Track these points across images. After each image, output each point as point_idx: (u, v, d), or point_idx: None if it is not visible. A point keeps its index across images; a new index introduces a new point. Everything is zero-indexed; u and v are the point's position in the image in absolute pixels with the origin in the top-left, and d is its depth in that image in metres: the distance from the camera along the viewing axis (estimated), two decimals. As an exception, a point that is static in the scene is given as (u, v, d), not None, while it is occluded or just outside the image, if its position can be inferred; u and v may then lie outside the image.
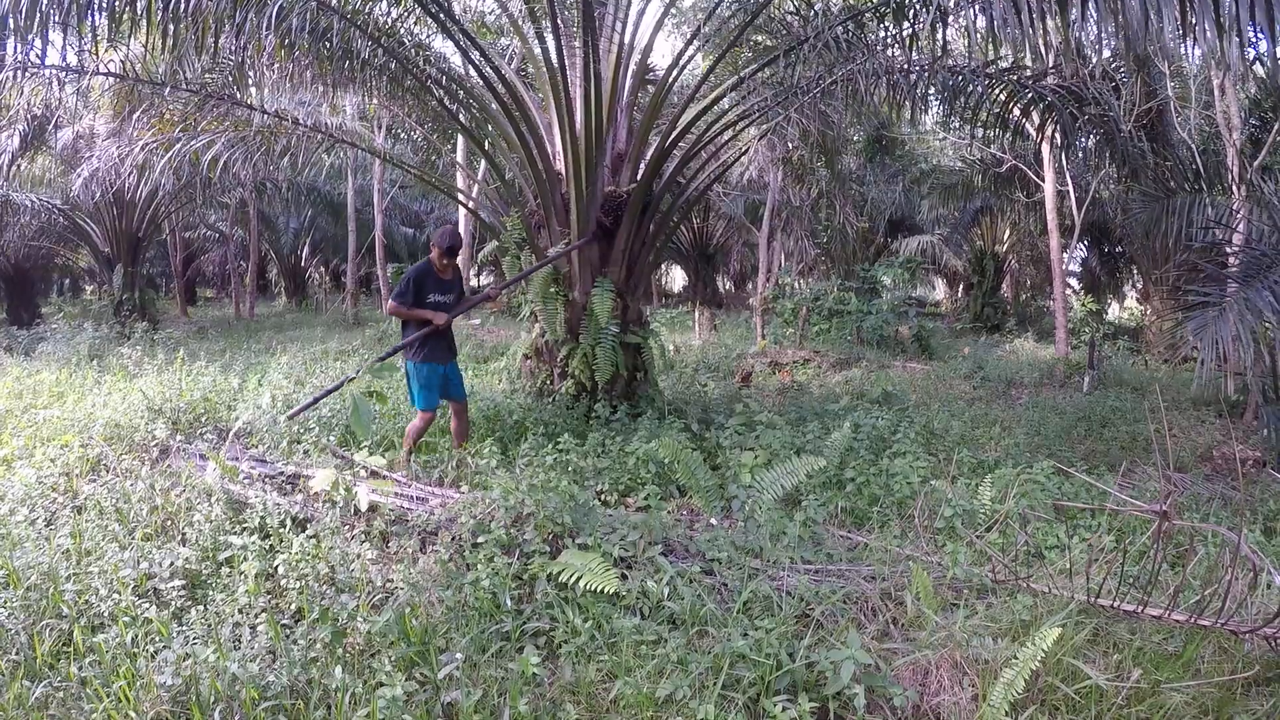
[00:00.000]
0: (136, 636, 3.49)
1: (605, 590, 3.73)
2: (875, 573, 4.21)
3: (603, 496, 5.95)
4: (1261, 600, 3.75)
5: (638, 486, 6.04)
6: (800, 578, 3.97)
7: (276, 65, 8.58)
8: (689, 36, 8.29)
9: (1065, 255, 17.33)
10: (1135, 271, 24.32)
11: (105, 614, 3.69)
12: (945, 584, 4.00)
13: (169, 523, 4.84)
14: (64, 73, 8.76)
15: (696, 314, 22.02)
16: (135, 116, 10.79)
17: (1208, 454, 8.66)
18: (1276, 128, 12.50)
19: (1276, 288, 7.06)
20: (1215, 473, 8.06)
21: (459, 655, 3.29)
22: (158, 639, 3.50)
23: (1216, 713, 3.17)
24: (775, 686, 3.23)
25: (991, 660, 3.29)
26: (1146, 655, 3.42)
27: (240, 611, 3.77)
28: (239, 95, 9.32)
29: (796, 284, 22.15)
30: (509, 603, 3.77)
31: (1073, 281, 27.16)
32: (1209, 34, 4.40)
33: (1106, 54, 14.14)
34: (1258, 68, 13.67)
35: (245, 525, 4.66)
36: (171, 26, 6.38)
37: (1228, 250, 9.76)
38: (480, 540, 4.21)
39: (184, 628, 3.57)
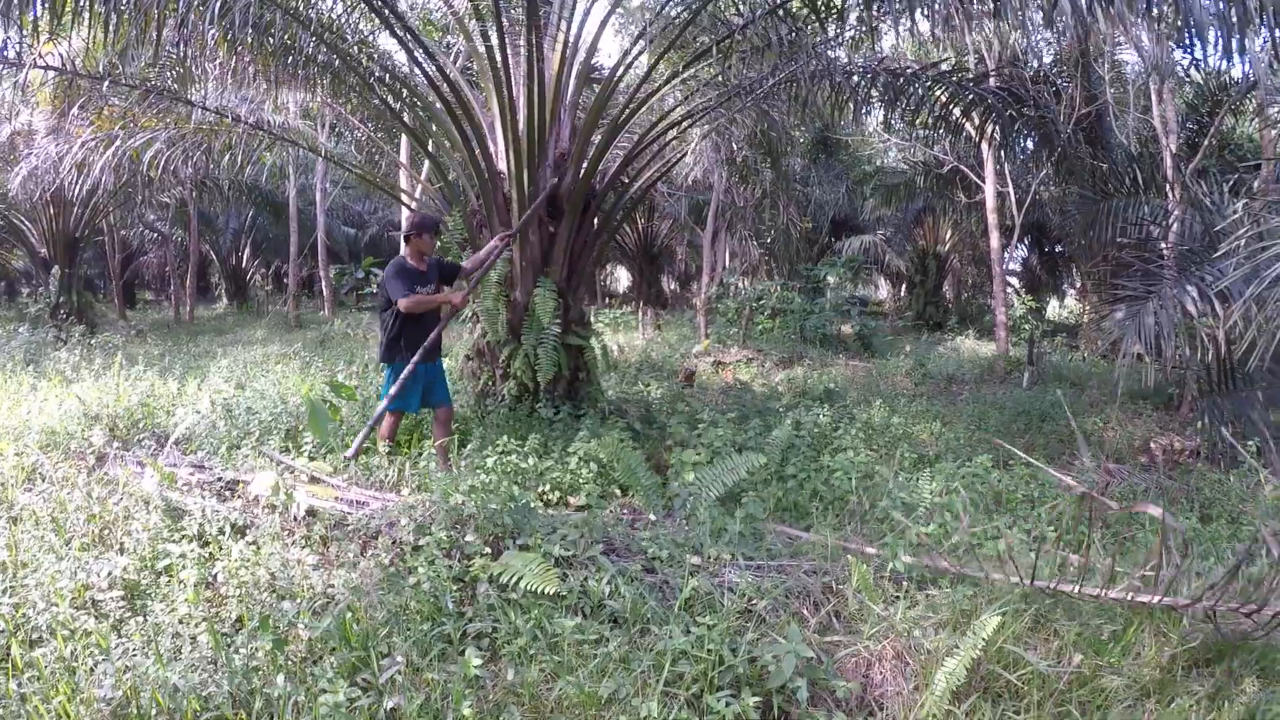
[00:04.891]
0: (75, 649, 3.42)
1: (546, 590, 3.72)
2: (816, 567, 4.25)
3: (544, 497, 5.95)
4: (1200, 581, 3.83)
5: (579, 486, 6.04)
6: (742, 574, 4.00)
7: (219, 61, 8.45)
8: (635, 36, 8.28)
9: (1005, 255, 17.64)
10: (1074, 270, 24.83)
11: (43, 627, 3.61)
12: (886, 576, 4.05)
13: (106, 532, 4.74)
14: (2, 66, 8.56)
15: (641, 314, 22.07)
16: (74, 113, 10.58)
17: (1145, 446, 8.87)
18: (1211, 132, 12.85)
19: (1201, 283, 7.28)
20: (1151, 464, 8.26)
21: (400, 659, 3.28)
22: (97, 651, 3.42)
23: (1158, 695, 3.24)
24: (718, 682, 3.26)
25: (933, 650, 3.35)
26: (1087, 640, 3.48)
27: (180, 621, 3.70)
28: (180, 91, 9.17)
29: (740, 283, 22.28)
30: (450, 605, 3.75)
31: (1013, 280, 27.62)
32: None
33: (1048, 59, 14.44)
34: (1195, 73, 14.00)
35: (184, 533, 4.58)
36: (113, 19, 6.26)
37: (1161, 247, 10.01)
38: (421, 543, 4.18)
39: (123, 639, 3.50)
